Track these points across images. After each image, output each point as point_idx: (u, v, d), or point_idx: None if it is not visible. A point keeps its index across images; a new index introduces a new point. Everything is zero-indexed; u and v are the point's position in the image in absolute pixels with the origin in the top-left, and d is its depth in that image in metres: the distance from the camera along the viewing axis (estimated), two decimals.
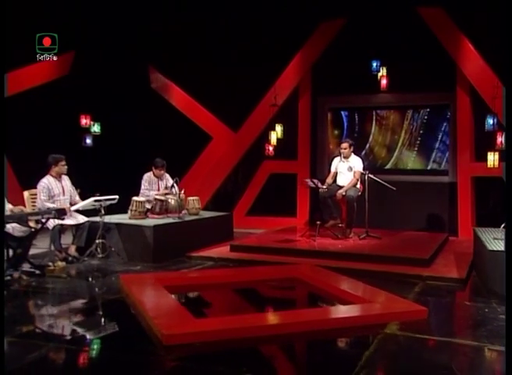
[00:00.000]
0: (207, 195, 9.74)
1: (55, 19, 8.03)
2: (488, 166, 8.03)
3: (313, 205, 9.72)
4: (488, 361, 3.54)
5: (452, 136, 9.09)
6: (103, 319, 4.62)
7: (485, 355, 3.64)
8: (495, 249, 5.09)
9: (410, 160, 9.56)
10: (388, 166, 9.69)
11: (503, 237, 5.56)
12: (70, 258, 6.57)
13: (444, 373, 3.33)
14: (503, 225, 5.65)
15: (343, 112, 10.04)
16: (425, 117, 9.42)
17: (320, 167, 10.01)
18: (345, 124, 10.05)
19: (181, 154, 9.54)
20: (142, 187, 7.88)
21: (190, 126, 10.03)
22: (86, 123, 8.98)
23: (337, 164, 8.02)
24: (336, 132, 10.13)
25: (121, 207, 7.17)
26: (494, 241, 5.51)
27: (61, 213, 5.89)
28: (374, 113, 9.79)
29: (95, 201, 6.43)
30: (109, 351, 3.74)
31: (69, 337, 4.10)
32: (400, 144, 9.64)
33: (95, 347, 3.82)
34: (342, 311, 4.51)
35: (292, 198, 9.90)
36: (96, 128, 9.03)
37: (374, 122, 9.81)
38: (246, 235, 8.51)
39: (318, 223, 7.56)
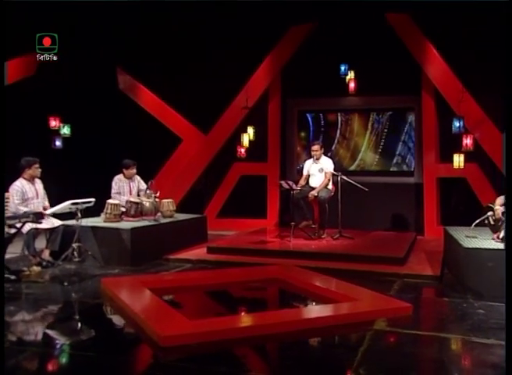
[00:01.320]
0: (177, 197, 9.68)
1: (22, 19, 7.85)
2: (454, 166, 8.34)
3: (283, 207, 9.86)
4: (475, 353, 3.68)
5: (417, 138, 9.39)
6: (91, 324, 4.54)
7: (472, 347, 3.79)
8: (470, 247, 5.30)
9: (375, 161, 9.82)
10: (352, 168, 9.90)
11: (475, 234, 5.84)
12: (44, 263, 6.43)
13: (437, 366, 3.48)
14: (474, 223, 5.90)
15: (308, 115, 10.21)
16: (389, 120, 9.70)
17: (289, 169, 10.15)
18: (311, 126, 10.23)
19: (151, 156, 9.49)
20: (112, 190, 7.79)
21: (160, 128, 9.99)
22: (55, 125, 8.80)
23: (309, 166, 8.16)
24: (303, 134, 10.29)
25: (92, 210, 7.06)
26: (467, 238, 5.73)
27: (39, 217, 5.78)
28: (339, 115, 10.00)
29: (72, 204, 6.31)
30: (104, 354, 3.69)
31: (60, 343, 4.03)
32: (364, 146, 9.88)
33: (90, 351, 3.75)
34: (330, 309, 4.59)
35: (262, 200, 10.00)
36: (66, 130, 8.86)
37: (339, 124, 10.02)
38: (218, 237, 8.53)
39: (293, 224, 7.66)
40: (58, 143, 8.87)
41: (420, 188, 9.24)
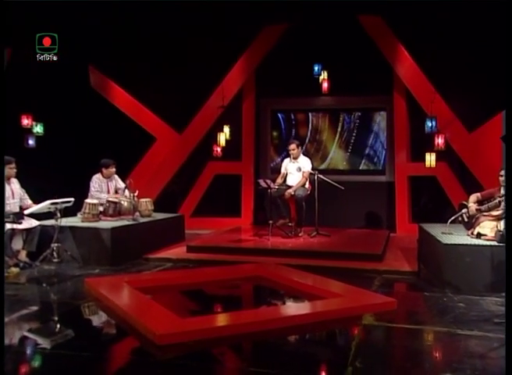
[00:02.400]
0: (151, 197, 9.60)
1: None
2: (426, 165, 8.57)
3: (257, 206, 9.94)
4: (461, 344, 3.82)
5: (389, 138, 9.61)
6: (81, 325, 4.50)
7: (458, 339, 3.93)
8: (449, 243, 5.48)
9: (345, 160, 9.99)
10: (323, 167, 10.02)
11: (451, 231, 6.03)
12: (22, 264, 6.31)
13: (428, 357, 3.62)
14: (450, 220, 6.10)
15: (279, 114, 10.31)
16: (359, 119, 9.89)
17: (263, 168, 10.23)
18: (282, 126, 10.33)
19: (125, 155, 9.38)
20: (92, 189, 7.68)
21: (134, 127, 9.91)
22: (27, 124, 8.61)
23: (287, 165, 8.27)
24: (275, 133, 10.39)
25: (68, 210, 6.96)
26: (443, 235, 5.92)
27: (19, 217, 5.68)
28: (310, 115, 10.13)
29: (51, 203, 6.21)
30: (100, 354, 3.68)
31: (54, 344, 3.92)
32: (335, 145, 10.04)
33: (85, 351, 3.71)
34: (319, 305, 4.66)
35: (236, 199, 10.05)
36: (39, 129, 8.69)
37: (310, 123, 10.15)
38: (194, 236, 8.53)
39: (270, 222, 7.74)
40: (30, 142, 8.68)
41: (391, 187, 9.46)
